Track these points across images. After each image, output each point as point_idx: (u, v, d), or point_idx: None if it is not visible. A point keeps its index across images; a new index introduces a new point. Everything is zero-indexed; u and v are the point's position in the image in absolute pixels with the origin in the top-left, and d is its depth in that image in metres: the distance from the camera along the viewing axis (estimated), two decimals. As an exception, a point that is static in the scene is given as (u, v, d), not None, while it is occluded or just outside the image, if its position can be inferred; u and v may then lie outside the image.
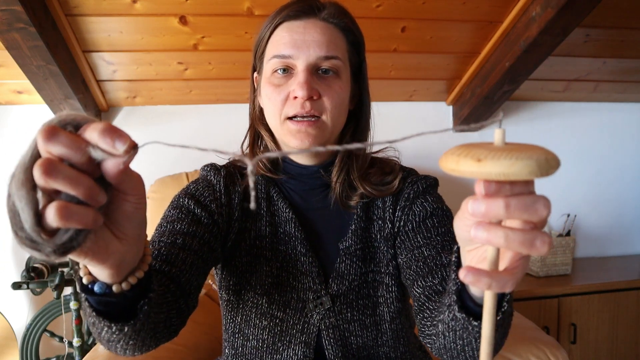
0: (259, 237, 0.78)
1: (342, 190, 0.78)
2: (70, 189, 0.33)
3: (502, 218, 0.33)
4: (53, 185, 0.33)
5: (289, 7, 0.73)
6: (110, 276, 0.44)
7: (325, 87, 0.71)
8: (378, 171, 0.80)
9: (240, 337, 0.78)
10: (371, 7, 1.51)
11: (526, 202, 0.33)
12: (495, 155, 0.31)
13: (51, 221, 0.33)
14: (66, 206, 0.33)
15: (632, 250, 2.35)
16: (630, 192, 2.34)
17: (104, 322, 0.48)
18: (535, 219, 0.34)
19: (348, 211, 0.80)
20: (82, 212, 0.34)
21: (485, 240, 0.34)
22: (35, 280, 1.58)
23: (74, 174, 0.33)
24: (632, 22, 1.66)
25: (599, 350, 1.91)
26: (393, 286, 0.77)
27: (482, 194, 0.33)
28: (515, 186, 0.33)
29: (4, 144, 1.84)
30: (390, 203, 0.79)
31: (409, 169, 0.85)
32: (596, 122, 2.27)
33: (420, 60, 1.81)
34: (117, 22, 1.47)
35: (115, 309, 0.48)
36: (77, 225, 0.34)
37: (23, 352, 1.64)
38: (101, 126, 0.34)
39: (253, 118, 0.82)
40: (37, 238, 0.33)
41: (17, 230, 0.34)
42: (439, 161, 0.35)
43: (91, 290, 0.46)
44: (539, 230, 0.34)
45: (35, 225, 0.33)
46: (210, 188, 0.78)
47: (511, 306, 0.53)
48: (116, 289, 0.45)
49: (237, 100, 1.89)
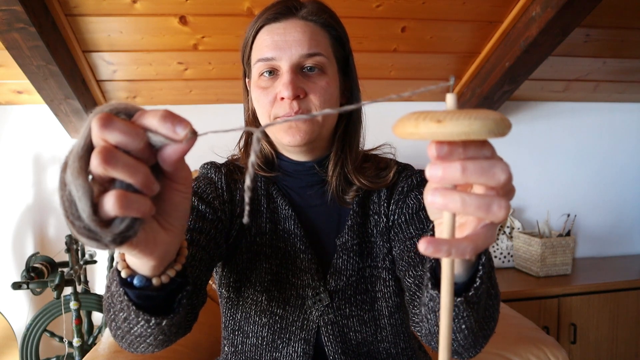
0: (259, 234, 0.79)
1: (338, 184, 0.79)
2: (129, 177, 0.33)
3: (459, 182, 0.33)
4: (111, 173, 0.32)
5: (268, 10, 0.74)
6: (152, 269, 0.43)
7: (311, 85, 0.72)
8: (373, 165, 0.82)
9: (240, 335, 0.78)
10: (371, 7, 1.51)
11: (483, 166, 0.33)
12: (454, 116, 0.31)
13: (109, 210, 0.32)
14: (125, 195, 0.32)
15: (632, 250, 2.35)
16: (630, 192, 2.34)
17: (143, 317, 0.47)
18: (493, 183, 0.33)
19: (345, 207, 0.80)
20: (140, 201, 0.33)
21: (441, 205, 0.33)
22: (35, 280, 1.58)
23: (132, 161, 0.33)
24: (632, 22, 1.66)
25: (599, 350, 1.91)
26: (390, 281, 0.77)
27: (435, 155, 0.33)
28: (468, 149, 0.33)
29: (4, 144, 1.84)
30: (385, 197, 0.80)
31: (404, 164, 0.85)
32: (596, 122, 2.27)
33: (420, 60, 1.81)
34: (117, 22, 1.47)
35: (153, 302, 0.47)
36: (135, 214, 0.33)
37: (23, 352, 1.64)
38: (161, 112, 0.34)
39: (247, 122, 0.85)
40: (95, 228, 0.33)
41: (74, 221, 0.33)
42: (393, 128, 0.34)
43: (130, 283, 0.46)
44: (497, 195, 0.33)
45: (93, 215, 0.32)
46: (212, 185, 0.79)
47: (490, 286, 0.52)
48: (156, 282, 0.45)
49: (237, 100, 1.89)
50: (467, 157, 0.33)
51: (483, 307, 0.53)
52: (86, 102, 1.71)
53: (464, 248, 0.34)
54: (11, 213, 1.86)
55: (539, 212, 2.20)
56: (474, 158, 0.33)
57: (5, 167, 1.85)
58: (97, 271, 1.91)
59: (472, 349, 0.58)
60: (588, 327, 1.89)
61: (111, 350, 1.08)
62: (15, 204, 1.86)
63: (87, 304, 1.67)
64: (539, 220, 2.13)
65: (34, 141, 1.86)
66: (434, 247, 0.33)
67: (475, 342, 0.56)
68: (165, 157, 0.35)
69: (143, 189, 0.34)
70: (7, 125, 1.84)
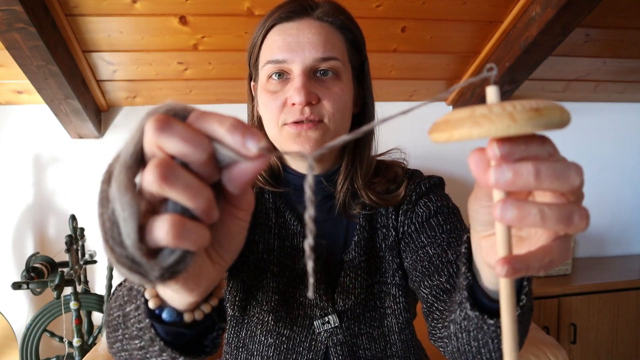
0: (266, 250, 0.74)
1: (345, 199, 0.74)
2: (189, 200, 0.26)
3: (531, 187, 0.28)
4: (168, 193, 0.26)
5: (281, 8, 0.68)
6: (188, 304, 0.37)
7: (324, 90, 0.67)
8: (382, 180, 0.76)
9: (244, 352, 0.75)
10: (371, 7, 1.51)
11: (556, 168, 0.27)
12: (515, 108, 0.26)
13: (160, 238, 0.26)
14: (184, 222, 0.26)
15: (632, 250, 2.35)
16: (630, 192, 2.34)
17: (169, 352, 0.39)
18: (567, 187, 0.28)
19: (352, 221, 0.76)
20: (198, 231, 0.27)
21: (516, 219, 0.28)
22: (35, 280, 1.58)
23: (195, 182, 0.27)
24: (632, 22, 1.66)
25: (599, 350, 1.91)
26: (400, 297, 0.73)
27: (498, 155, 0.28)
28: (530, 145, 0.28)
29: (4, 144, 1.84)
30: (392, 209, 0.76)
31: (412, 170, 0.81)
32: (596, 122, 2.27)
33: (420, 60, 1.81)
34: (117, 22, 1.47)
35: (180, 340, 0.40)
36: (191, 246, 0.27)
37: (23, 352, 1.64)
38: (230, 119, 0.27)
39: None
40: (140, 259, 0.27)
41: (115, 247, 0.27)
42: (435, 133, 0.29)
43: (158, 316, 0.38)
44: (575, 204, 0.29)
45: (139, 242, 0.26)
46: None
47: (530, 300, 0.47)
48: (188, 318, 0.38)
49: (237, 100, 1.89)
50: (530, 157, 0.28)
51: (525, 324, 0.49)
52: (86, 102, 1.71)
53: (539, 264, 0.29)
54: (11, 213, 1.86)
55: (539, 212, 2.20)
56: (539, 158, 0.28)
57: (5, 167, 1.85)
58: (97, 271, 1.91)
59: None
60: (588, 327, 1.89)
61: (111, 350, 1.08)
62: (15, 204, 1.85)
63: (87, 304, 1.67)
64: (539, 220, 2.13)
65: (34, 141, 1.86)
66: (513, 267, 0.28)
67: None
68: (234, 176, 0.28)
69: (202, 216, 0.28)
70: (7, 125, 1.84)
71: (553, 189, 0.28)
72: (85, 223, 1.73)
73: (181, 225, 0.26)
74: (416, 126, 2.08)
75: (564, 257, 0.31)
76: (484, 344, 0.49)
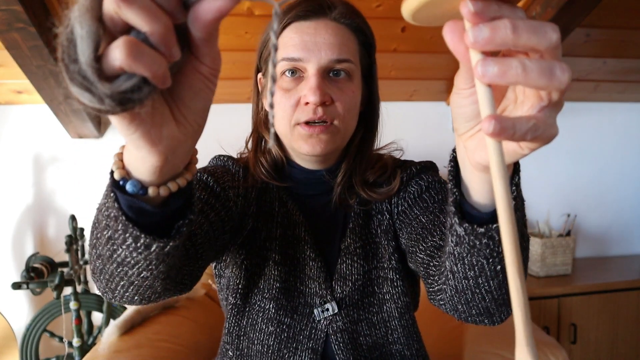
0: (269, 238, 0.75)
1: (342, 192, 0.77)
2: (146, 24, 0.27)
3: (508, 45, 0.27)
4: (126, 14, 0.27)
5: (298, 5, 0.68)
6: (153, 170, 0.36)
7: (337, 92, 0.68)
8: (372, 170, 0.78)
9: (244, 340, 0.76)
10: (371, 7, 1.52)
11: (533, 23, 0.28)
12: None
13: (115, 59, 0.27)
14: (137, 43, 0.27)
15: (632, 250, 2.35)
16: (630, 192, 2.34)
17: (131, 232, 0.39)
18: (546, 43, 0.28)
19: (349, 212, 0.78)
20: (154, 56, 0.28)
21: (497, 75, 0.27)
22: (35, 280, 1.58)
23: (153, 5, 0.27)
24: (632, 22, 1.66)
25: (599, 350, 1.91)
26: (398, 281, 0.74)
27: (471, 12, 0.27)
28: (502, 7, 0.28)
29: (4, 144, 1.84)
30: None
31: (404, 160, 0.82)
32: (596, 122, 2.27)
33: (420, 60, 1.81)
34: (117, 22, 1.47)
35: (146, 220, 0.40)
36: (145, 70, 0.27)
37: (23, 352, 1.64)
38: None
39: (256, 121, 0.79)
40: (91, 75, 0.27)
41: (69, 63, 0.27)
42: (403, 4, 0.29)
43: (122, 188, 0.38)
44: (555, 58, 0.29)
45: (94, 61, 0.27)
46: (229, 175, 0.75)
47: (521, 197, 0.46)
48: (152, 192, 0.38)
49: (237, 100, 1.89)
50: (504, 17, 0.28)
51: (520, 223, 0.46)
52: (86, 102, 1.71)
53: (525, 127, 0.28)
54: (11, 213, 1.86)
55: (539, 212, 2.20)
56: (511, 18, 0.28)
57: (5, 167, 1.85)
58: (97, 271, 1.91)
59: (505, 306, 0.52)
60: (588, 327, 1.89)
61: (111, 350, 1.08)
62: (15, 204, 1.86)
63: (87, 304, 1.67)
64: (539, 220, 2.13)
65: (33, 141, 1.86)
66: (500, 124, 0.27)
67: (509, 296, 0.50)
68: (198, 14, 0.29)
69: (160, 44, 0.28)
70: (7, 125, 1.84)
71: (531, 45, 0.28)
72: (85, 223, 1.73)
73: (136, 46, 0.27)
74: (414, 126, 2.09)
75: (550, 129, 0.31)
76: (480, 269, 0.47)
